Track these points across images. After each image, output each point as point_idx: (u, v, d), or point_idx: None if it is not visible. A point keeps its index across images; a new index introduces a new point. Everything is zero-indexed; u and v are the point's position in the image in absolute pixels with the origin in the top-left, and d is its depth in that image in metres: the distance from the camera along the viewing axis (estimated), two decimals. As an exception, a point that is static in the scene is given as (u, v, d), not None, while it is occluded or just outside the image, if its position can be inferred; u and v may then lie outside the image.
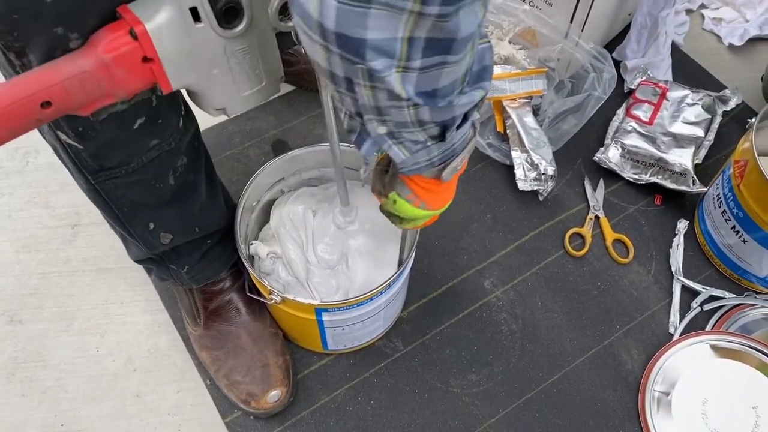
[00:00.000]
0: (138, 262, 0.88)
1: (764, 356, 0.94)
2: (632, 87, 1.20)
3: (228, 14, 0.54)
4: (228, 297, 0.93)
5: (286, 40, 1.11)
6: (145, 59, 0.53)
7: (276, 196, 0.94)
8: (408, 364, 0.96)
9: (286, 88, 1.24)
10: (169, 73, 0.54)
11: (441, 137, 0.58)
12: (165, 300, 1.01)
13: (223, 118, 1.15)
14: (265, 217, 0.94)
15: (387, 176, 0.69)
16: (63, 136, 0.63)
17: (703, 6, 1.40)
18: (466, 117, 0.58)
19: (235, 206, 0.86)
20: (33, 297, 1.03)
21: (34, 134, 1.18)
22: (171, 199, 0.75)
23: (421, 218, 0.72)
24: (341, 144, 0.74)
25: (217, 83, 0.58)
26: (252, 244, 0.90)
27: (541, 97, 1.16)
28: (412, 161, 0.60)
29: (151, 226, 0.77)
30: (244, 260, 0.81)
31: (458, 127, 0.58)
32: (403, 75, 0.47)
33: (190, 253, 0.85)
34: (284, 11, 0.57)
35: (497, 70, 1.14)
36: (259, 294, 0.86)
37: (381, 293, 0.82)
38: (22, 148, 1.17)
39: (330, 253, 0.88)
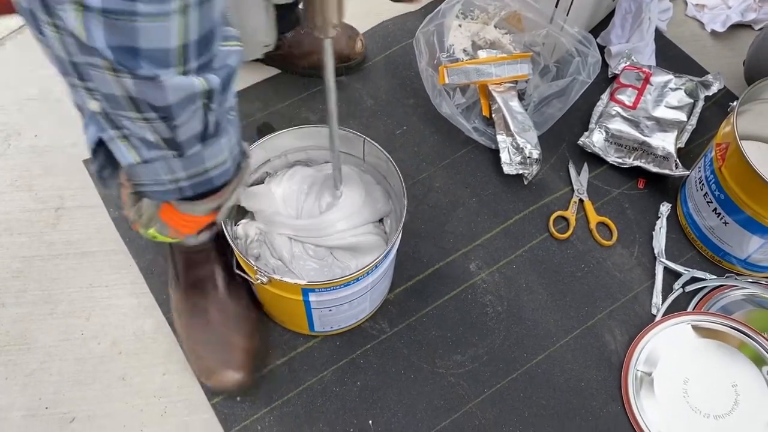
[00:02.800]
0: None
1: (744, 336, 0.96)
2: (616, 72, 1.21)
3: None
4: (209, 269, 0.92)
5: (282, 25, 1.10)
6: None
7: (262, 177, 0.94)
8: (394, 346, 0.97)
9: (271, 71, 1.24)
10: None
11: (177, 147, 0.52)
12: (150, 283, 1.01)
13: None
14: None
15: (143, 204, 0.63)
16: None
17: (686, -7, 1.42)
18: (218, 131, 0.53)
19: None
20: (16, 280, 1.02)
21: (16, 117, 1.17)
22: None
23: None
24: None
25: None
26: (242, 222, 0.90)
27: (526, 81, 1.16)
28: (150, 176, 0.55)
29: None
30: (230, 240, 0.81)
31: (204, 140, 0.53)
32: (85, 14, 0.41)
33: None
34: None
35: (483, 54, 1.15)
36: (246, 274, 0.86)
37: (368, 273, 0.82)
38: (3, 131, 1.16)
39: (317, 245, 0.89)
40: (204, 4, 0.49)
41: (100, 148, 0.56)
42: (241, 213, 0.93)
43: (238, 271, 0.87)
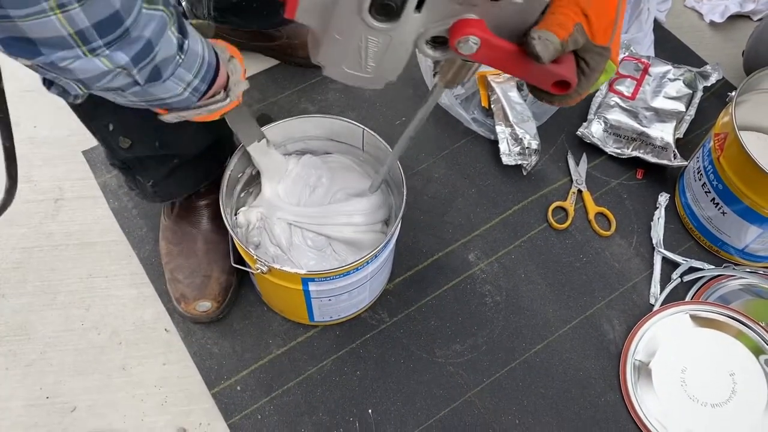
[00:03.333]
0: (112, 165, 0.89)
1: (741, 325, 0.96)
2: (615, 63, 1.21)
3: (382, 8, 0.53)
4: (201, 203, 0.97)
5: (273, 18, 1.10)
6: None
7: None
8: (394, 335, 0.97)
9: (269, 62, 1.23)
10: (301, 4, 0.54)
11: (115, 90, 0.54)
12: (150, 273, 1.01)
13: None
14: (250, 188, 0.94)
15: None
16: None
17: (685, -17, 1.42)
18: (158, 77, 0.54)
19: (215, 139, 0.86)
20: (16, 271, 1.02)
21: (15, 108, 1.17)
22: None
23: None
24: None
25: (330, 44, 0.58)
26: (242, 210, 0.90)
27: (525, 72, 1.16)
28: (108, 96, 0.57)
29: (111, 127, 0.77)
30: (229, 229, 0.81)
31: (143, 85, 0.54)
32: None
33: (156, 168, 0.86)
34: (436, 42, 0.56)
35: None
36: (245, 264, 0.86)
37: (367, 263, 0.82)
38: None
39: (317, 233, 0.89)
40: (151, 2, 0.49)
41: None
42: (241, 202, 0.93)
43: (236, 266, 0.87)
